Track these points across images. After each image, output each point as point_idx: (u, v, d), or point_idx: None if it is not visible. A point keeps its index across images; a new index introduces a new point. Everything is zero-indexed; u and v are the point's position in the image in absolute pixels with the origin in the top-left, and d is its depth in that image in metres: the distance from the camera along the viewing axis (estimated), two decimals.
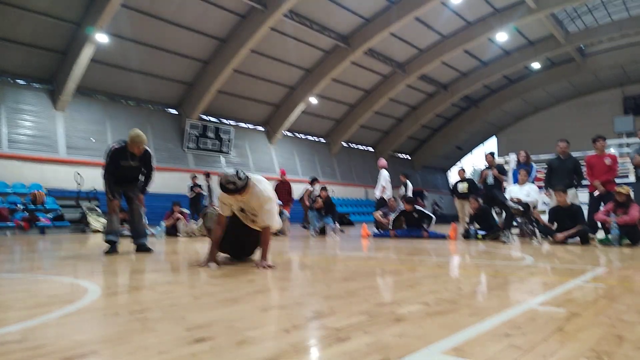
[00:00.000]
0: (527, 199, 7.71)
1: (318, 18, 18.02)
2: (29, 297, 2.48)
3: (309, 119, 23.97)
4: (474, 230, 8.13)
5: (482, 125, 31.68)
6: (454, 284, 2.92)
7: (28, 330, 1.70)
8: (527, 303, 2.22)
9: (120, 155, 5.19)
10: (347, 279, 3.09)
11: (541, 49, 23.47)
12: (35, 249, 6.50)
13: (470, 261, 4.61)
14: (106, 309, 2.16)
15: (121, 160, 5.19)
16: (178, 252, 5.90)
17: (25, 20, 13.70)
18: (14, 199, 12.96)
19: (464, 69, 25.14)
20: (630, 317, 1.89)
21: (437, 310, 2.03)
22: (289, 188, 11.71)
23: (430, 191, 31.37)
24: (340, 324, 1.75)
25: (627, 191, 6.59)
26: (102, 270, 3.76)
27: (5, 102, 14.68)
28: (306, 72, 21.05)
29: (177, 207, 10.40)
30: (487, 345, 1.49)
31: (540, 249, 5.93)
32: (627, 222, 6.33)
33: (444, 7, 18.79)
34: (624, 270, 3.69)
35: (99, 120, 17.01)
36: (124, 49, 16.02)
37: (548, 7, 19.08)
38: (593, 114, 27.40)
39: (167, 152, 18.69)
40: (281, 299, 2.43)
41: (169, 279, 3.23)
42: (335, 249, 6.28)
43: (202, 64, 18.24)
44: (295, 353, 1.40)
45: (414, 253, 5.47)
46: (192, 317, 1.91)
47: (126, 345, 1.50)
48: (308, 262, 4.51)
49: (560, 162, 8.02)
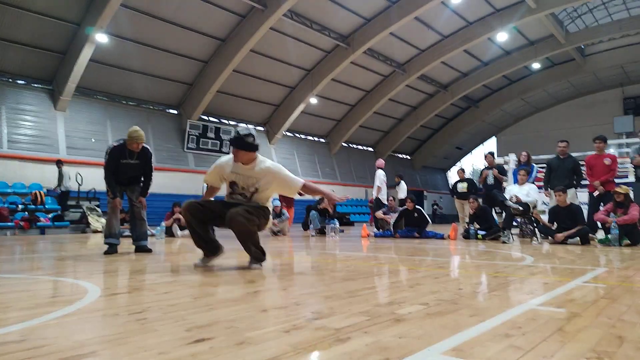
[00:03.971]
0: (527, 199, 7.71)
1: (318, 18, 18.02)
2: (29, 297, 2.48)
3: (309, 119, 23.97)
4: (474, 230, 8.13)
5: (481, 126, 31.68)
6: (454, 284, 2.92)
7: (28, 330, 1.70)
8: (528, 303, 2.22)
9: (119, 153, 5.18)
10: (347, 279, 3.09)
11: (541, 49, 23.47)
12: (35, 249, 6.50)
13: (470, 261, 4.61)
14: (106, 309, 2.16)
15: (121, 159, 5.19)
16: (178, 252, 5.89)
17: (25, 20, 13.71)
18: (14, 199, 12.96)
19: (464, 69, 25.14)
20: (630, 317, 1.89)
21: (437, 310, 2.03)
22: None
23: (430, 191, 31.38)
24: (340, 324, 1.75)
25: (626, 191, 6.60)
26: (101, 271, 3.76)
27: (6, 102, 14.69)
28: (306, 72, 21.06)
29: (177, 207, 10.39)
30: (487, 345, 1.49)
31: (540, 249, 5.93)
32: (627, 222, 6.33)
33: (444, 7, 18.80)
34: (624, 270, 3.69)
35: (99, 121, 17.02)
36: (124, 49, 16.02)
37: (548, 7, 19.08)
38: (593, 114, 27.40)
39: (167, 153, 18.70)
40: (281, 299, 2.43)
41: (168, 279, 3.23)
42: (335, 249, 6.27)
43: (202, 64, 18.24)
44: (295, 353, 1.40)
45: (414, 253, 5.47)
46: (192, 317, 1.91)
47: (126, 345, 1.50)
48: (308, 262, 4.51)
49: (560, 162, 8.02)
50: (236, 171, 3.63)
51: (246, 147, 3.51)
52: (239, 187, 3.66)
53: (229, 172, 3.64)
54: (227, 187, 3.73)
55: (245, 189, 3.63)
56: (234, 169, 3.63)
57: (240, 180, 3.63)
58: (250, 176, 3.61)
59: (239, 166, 3.61)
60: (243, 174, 3.61)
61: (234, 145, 3.53)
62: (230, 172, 3.63)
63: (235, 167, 3.62)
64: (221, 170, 3.68)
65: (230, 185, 3.67)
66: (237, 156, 3.59)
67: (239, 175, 3.63)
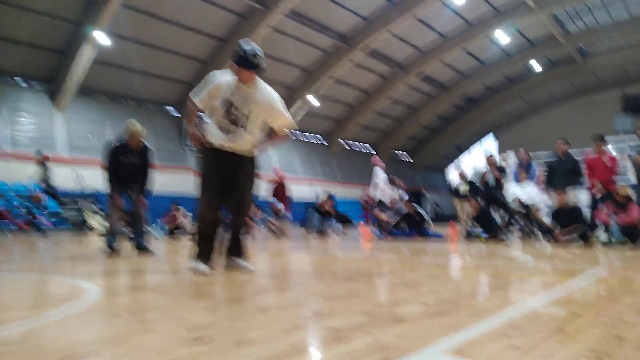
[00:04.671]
0: (527, 199, 7.71)
1: (318, 18, 18.03)
2: (29, 297, 2.48)
3: (309, 119, 23.97)
4: (474, 231, 8.13)
5: (482, 125, 31.68)
6: (454, 284, 2.92)
7: (28, 330, 1.70)
8: (527, 303, 2.22)
9: (120, 151, 5.17)
10: (347, 279, 3.09)
11: (541, 49, 23.47)
12: (35, 250, 6.50)
13: (470, 261, 4.61)
14: (106, 309, 2.16)
15: (121, 157, 5.17)
16: (177, 252, 5.89)
17: (25, 20, 13.70)
18: (14, 199, 12.95)
19: (464, 69, 25.14)
20: (630, 317, 1.89)
21: (437, 310, 2.03)
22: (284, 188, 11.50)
23: (430, 191, 31.37)
24: (340, 324, 1.75)
25: (627, 192, 6.60)
26: (101, 271, 3.76)
27: (6, 102, 14.68)
28: (306, 72, 21.05)
29: (176, 207, 10.39)
30: (487, 345, 1.49)
31: (541, 249, 5.93)
32: (627, 222, 6.33)
33: (444, 7, 18.80)
34: (624, 270, 3.69)
35: (99, 120, 17.02)
36: (124, 49, 16.02)
37: (548, 7, 19.09)
38: (593, 114, 27.38)
39: (167, 152, 18.69)
40: (281, 299, 2.43)
41: (168, 279, 3.23)
42: (335, 249, 6.27)
43: (202, 64, 18.24)
44: (295, 353, 1.40)
45: (414, 253, 5.47)
46: (192, 317, 1.91)
47: (126, 345, 1.50)
48: (308, 262, 4.50)
49: (560, 162, 8.02)
50: (238, 92, 3.22)
51: (260, 68, 3.19)
52: (238, 111, 3.23)
53: (229, 93, 3.20)
54: (217, 109, 3.24)
55: (243, 114, 3.23)
56: (236, 89, 3.21)
57: (239, 103, 3.22)
58: (249, 98, 3.24)
59: (241, 86, 3.22)
60: (243, 95, 3.22)
61: (246, 66, 3.15)
62: (231, 93, 3.20)
63: (238, 87, 3.22)
64: (217, 91, 3.20)
65: (225, 107, 3.20)
66: (245, 76, 3.22)
67: (239, 98, 3.21)
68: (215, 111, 3.26)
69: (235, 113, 3.21)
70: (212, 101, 3.22)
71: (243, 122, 3.23)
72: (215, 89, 3.20)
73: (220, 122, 3.25)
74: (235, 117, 3.22)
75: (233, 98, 3.20)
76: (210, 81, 3.23)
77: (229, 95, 3.19)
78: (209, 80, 3.25)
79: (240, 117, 3.21)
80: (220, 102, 3.21)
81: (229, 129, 3.25)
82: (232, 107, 3.20)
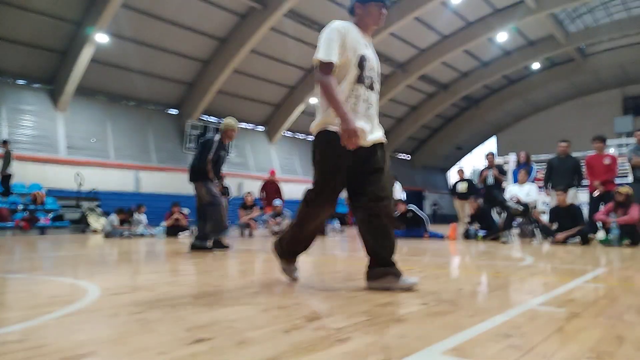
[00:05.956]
0: (527, 199, 7.71)
1: (318, 18, 18.02)
2: (29, 297, 2.48)
3: (309, 119, 23.94)
4: (474, 231, 8.13)
5: (482, 125, 31.68)
6: (454, 284, 2.92)
7: (28, 330, 1.70)
8: (527, 303, 2.22)
9: (222, 146, 5.28)
10: (347, 279, 3.09)
11: (541, 49, 23.48)
12: (35, 249, 6.50)
13: (470, 261, 4.61)
14: (106, 309, 2.16)
15: (221, 152, 5.28)
16: (178, 252, 5.89)
17: (25, 20, 13.71)
18: (14, 199, 12.95)
19: (464, 69, 25.15)
20: (630, 317, 1.89)
21: (437, 310, 2.03)
22: (277, 188, 11.51)
23: (430, 191, 31.36)
24: (340, 324, 1.75)
25: (626, 191, 6.60)
26: (101, 271, 3.76)
27: (6, 103, 14.69)
28: (306, 72, 21.06)
29: (176, 207, 10.40)
30: (487, 345, 1.49)
31: (540, 249, 5.93)
32: (627, 222, 6.33)
33: (444, 7, 18.81)
34: (624, 270, 3.69)
35: (99, 121, 17.03)
36: (124, 49, 16.03)
37: (548, 7, 19.10)
38: (593, 114, 27.38)
39: (167, 153, 18.71)
40: (281, 299, 2.43)
41: (168, 279, 3.23)
42: (335, 248, 6.28)
43: (202, 64, 18.24)
44: (295, 353, 1.40)
45: (414, 253, 5.47)
46: (192, 317, 1.91)
47: (126, 345, 1.50)
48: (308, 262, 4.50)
49: (560, 162, 8.02)
50: (365, 42, 2.49)
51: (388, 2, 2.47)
52: (374, 72, 2.49)
53: (362, 45, 2.42)
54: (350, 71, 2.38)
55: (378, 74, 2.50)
56: (362, 39, 2.46)
57: (373, 59, 2.50)
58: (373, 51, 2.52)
59: (364, 36, 2.49)
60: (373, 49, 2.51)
61: None
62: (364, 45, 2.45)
63: (366, 38, 2.50)
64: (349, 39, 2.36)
65: (359, 66, 2.39)
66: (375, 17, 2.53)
67: (368, 51, 2.48)
68: (349, 73, 2.40)
69: (370, 75, 2.47)
70: (347, 54, 2.37)
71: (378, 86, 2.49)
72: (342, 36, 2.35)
73: (355, 89, 2.41)
74: (371, 81, 2.48)
75: (366, 51, 2.45)
76: (334, 30, 2.38)
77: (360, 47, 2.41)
78: (331, 31, 2.38)
79: (378, 83, 2.49)
80: (356, 57, 2.39)
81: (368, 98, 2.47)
82: (368, 64, 2.44)
